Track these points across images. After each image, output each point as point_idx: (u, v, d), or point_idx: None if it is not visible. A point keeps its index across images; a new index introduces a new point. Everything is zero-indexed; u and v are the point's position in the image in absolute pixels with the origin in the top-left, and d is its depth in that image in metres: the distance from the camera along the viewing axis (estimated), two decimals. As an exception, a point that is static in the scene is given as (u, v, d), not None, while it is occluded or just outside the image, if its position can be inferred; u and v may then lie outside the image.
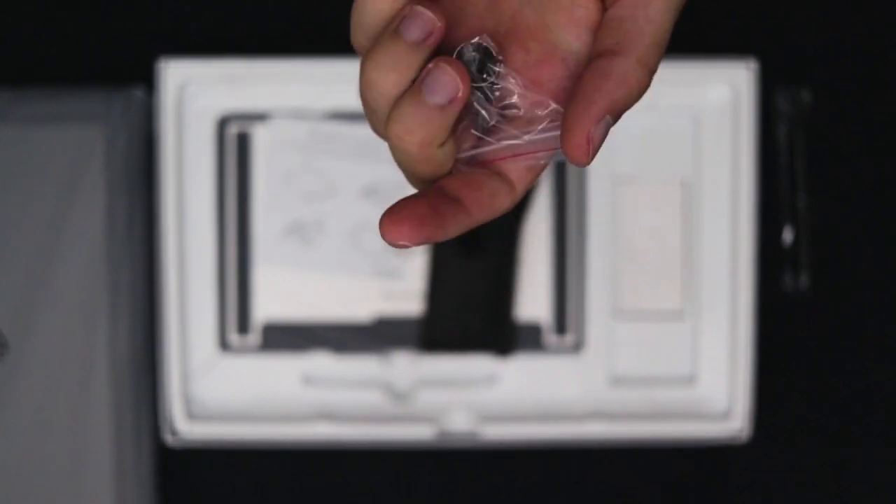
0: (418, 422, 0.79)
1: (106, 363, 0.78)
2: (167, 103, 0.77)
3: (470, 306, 0.79)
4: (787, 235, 0.82)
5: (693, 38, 0.81)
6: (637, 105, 0.35)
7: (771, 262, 0.81)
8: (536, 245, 0.80)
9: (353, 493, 0.83)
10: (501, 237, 0.78)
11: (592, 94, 0.33)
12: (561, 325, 0.80)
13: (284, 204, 0.79)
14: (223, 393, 0.80)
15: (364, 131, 0.79)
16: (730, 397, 0.79)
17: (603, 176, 0.79)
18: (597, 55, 0.34)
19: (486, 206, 0.35)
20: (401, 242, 0.33)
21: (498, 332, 0.79)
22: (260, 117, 0.79)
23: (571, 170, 0.79)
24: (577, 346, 0.80)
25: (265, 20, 0.82)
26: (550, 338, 0.80)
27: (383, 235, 0.33)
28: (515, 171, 0.36)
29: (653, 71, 0.34)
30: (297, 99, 0.79)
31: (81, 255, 0.78)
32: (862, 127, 0.82)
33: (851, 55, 0.82)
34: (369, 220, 0.79)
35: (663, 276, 0.80)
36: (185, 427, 0.78)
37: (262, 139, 0.79)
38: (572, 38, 0.35)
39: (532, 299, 0.80)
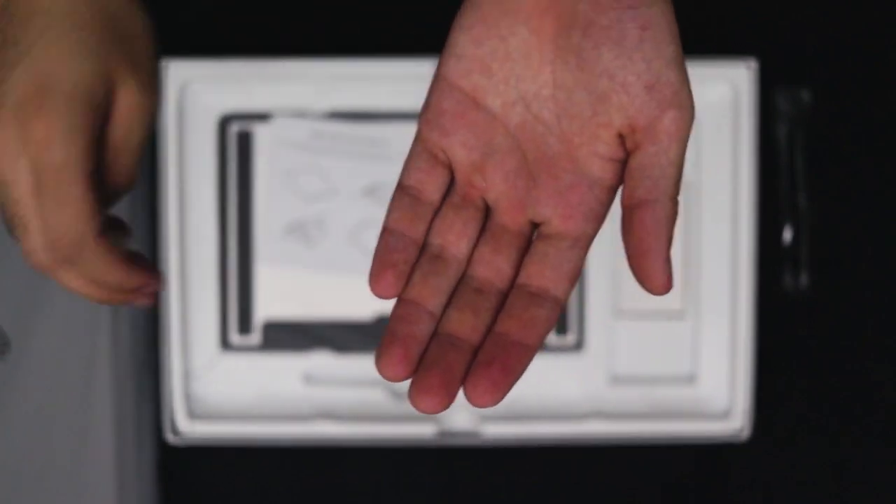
0: (419, 420, 0.79)
1: (108, 362, 0.78)
2: (169, 103, 0.78)
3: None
4: (787, 235, 0.82)
5: (693, 38, 0.81)
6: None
7: (771, 261, 0.81)
8: (537, 244, 0.80)
9: (354, 491, 0.83)
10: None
11: (653, 243, 0.38)
12: (561, 325, 0.80)
13: (285, 203, 0.79)
14: (224, 392, 0.80)
15: (365, 131, 0.79)
16: (730, 396, 0.79)
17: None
18: (636, 205, 0.39)
19: (541, 335, 0.40)
20: (485, 406, 0.39)
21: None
22: (261, 117, 0.79)
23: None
24: (578, 346, 0.80)
25: (266, 20, 0.82)
26: (551, 337, 0.80)
27: (472, 402, 0.38)
28: (558, 284, 0.39)
29: (678, 201, 0.39)
30: (299, 99, 0.79)
31: (83, 254, 0.78)
32: (862, 127, 0.82)
33: (851, 55, 0.82)
34: (370, 219, 0.79)
35: (663, 275, 0.80)
36: (187, 426, 0.79)
37: (264, 139, 0.79)
38: (596, 168, 0.39)
39: (532, 299, 0.80)
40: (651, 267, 0.38)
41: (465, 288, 0.40)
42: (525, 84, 0.39)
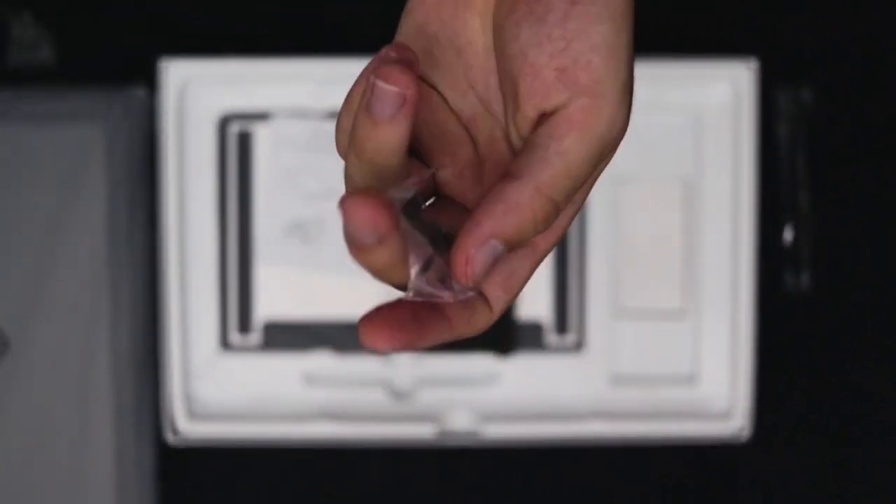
0: (419, 421, 0.79)
1: (107, 362, 0.78)
2: (168, 103, 0.78)
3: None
4: (788, 235, 0.82)
5: (693, 38, 0.81)
6: (637, 105, 0.34)
7: (771, 261, 0.81)
8: (537, 244, 0.80)
9: (354, 491, 0.83)
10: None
11: (479, 217, 0.31)
12: (562, 325, 0.80)
13: (285, 203, 0.79)
14: (224, 392, 0.80)
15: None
16: (730, 397, 0.79)
17: (603, 176, 0.79)
18: (498, 180, 0.32)
19: (467, 322, 0.34)
20: (380, 347, 0.32)
21: (498, 332, 0.79)
22: (261, 117, 0.79)
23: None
24: (578, 346, 0.80)
25: (266, 20, 0.82)
26: (551, 337, 0.80)
27: (362, 340, 0.32)
28: (493, 292, 0.35)
29: (559, 203, 0.32)
30: (298, 99, 0.79)
31: (82, 254, 0.78)
32: (863, 126, 0.82)
33: (851, 55, 0.82)
34: (370, 219, 0.79)
35: (663, 275, 0.80)
36: (187, 426, 0.78)
37: (263, 139, 0.79)
38: None
39: (533, 299, 0.80)
40: (458, 244, 0.31)
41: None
42: (473, 72, 0.35)
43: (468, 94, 0.35)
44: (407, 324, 0.32)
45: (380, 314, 0.32)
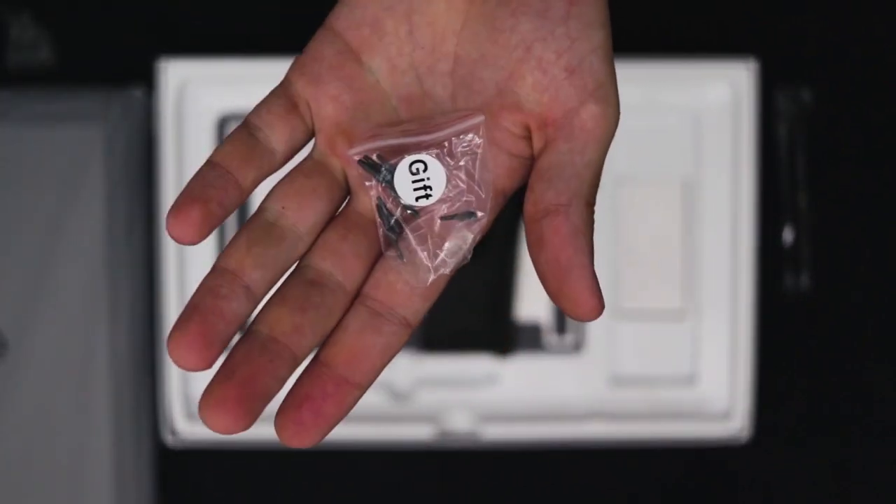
0: (418, 422, 0.79)
1: (106, 363, 0.78)
2: (167, 103, 0.77)
3: (470, 306, 0.79)
4: (788, 235, 0.82)
5: (693, 38, 0.81)
6: (637, 105, 0.34)
7: (771, 262, 0.81)
8: (536, 245, 0.79)
9: (354, 492, 0.83)
10: (502, 237, 0.78)
11: (578, 258, 0.32)
12: (561, 325, 0.80)
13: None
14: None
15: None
16: (730, 397, 0.79)
17: (603, 176, 0.79)
18: (546, 212, 0.32)
19: (378, 367, 0.33)
20: (300, 447, 0.32)
21: (498, 332, 0.79)
22: (260, 117, 0.79)
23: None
24: (578, 346, 0.80)
25: (265, 20, 0.82)
26: (550, 338, 0.80)
27: (285, 443, 0.32)
28: (409, 303, 0.33)
29: (594, 207, 0.33)
30: (297, 99, 0.79)
31: (81, 254, 0.78)
32: (862, 126, 0.82)
33: (851, 55, 0.82)
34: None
35: (663, 276, 0.80)
36: (185, 427, 0.78)
37: (262, 139, 0.79)
38: (489, 162, 0.34)
39: (532, 299, 0.80)
40: (575, 287, 0.31)
41: (297, 278, 0.32)
42: (421, 53, 0.33)
43: (408, 73, 0.34)
44: (311, 424, 0.32)
45: (288, 422, 0.32)
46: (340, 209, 0.34)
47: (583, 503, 0.83)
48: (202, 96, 0.78)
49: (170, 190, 0.78)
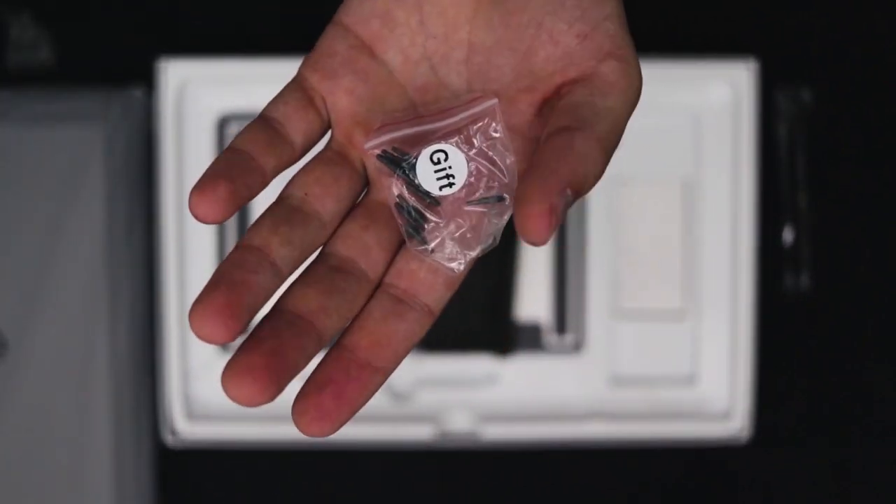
0: (418, 422, 0.79)
1: (106, 363, 0.78)
2: (167, 103, 0.77)
3: (470, 306, 0.79)
4: (788, 235, 0.82)
5: (693, 38, 0.81)
6: (637, 105, 0.34)
7: (771, 262, 0.81)
8: (536, 245, 0.79)
9: (354, 492, 0.83)
10: (502, 237, 0.78)
11: (554, 165, 0.29)
12: (561, 325, 0.80)
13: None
14: (223, 393, 0.80)
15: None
16: (730, 397, 0.79)
17: (603, 176, 0.79)
18: (555, 132, 0.30)
19: (401, 353, 0.33)
20: (321, 436, 0.32)
21: (498, 332, 0.79)
22: (260, 117, 0.79)
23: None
24: (578, 346, 0.80)
25: (265, 20, 0.82)
26: (550, 338, 0.80)
27: (303, 432, 0.32)
28: (432, 290, 0.33)
29: (609, 157, 0.31)
30: (297, 99, 0.79)
31: (81, 254, 0.78)
32: (862, 126, 0.82)
33: (851, 55, 0.82)
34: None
35: (663, 276, 0.80)
36: (185, 427, 0.78)
37: (262, 139, 0.79)
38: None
39: (532, 299, 0.80)
40: (536, 193, 0.28)
41: (321, 264, 0.32)
42: (435, 43, 0.33)
43: (422, 63, 0.34)
44: (333, 408, 0.31)
45: (308, 406, 0.31)
46: (360, 199, 0.34)
47: (583, 503, 0.83)
48: (202, 96, 0.78)
49: (170, 190, 0.78)
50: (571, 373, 0.80)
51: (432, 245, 0.33)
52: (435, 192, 0.33)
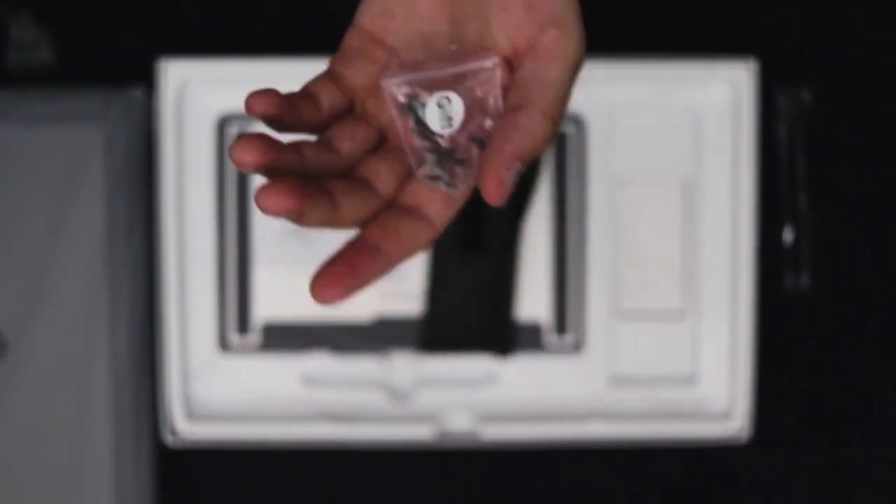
0: (418, 422, 0.79)
1: (106, 363, 0.78)
2: (167, 103, 0.77)
3: (470, 306, 0.79)
4: (788, 235, 0.82)
5: (693, 38, 0.81)
6: (637, 105, 0.36)
7: (771, 261, 0.81)
8: (536, 245, 0.79)
9: (353, 493, 0.83)
10: (501, 237, 0.78)
11: (502, 144, 0.37)
12: (561, 325, 0.80)
13: (284, 204, 0.79)
14: (223, 393, 0.80)
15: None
16: (730, 397, 0.79)
17: (603, 176, 0.79)
18: (507, 111, 0.38)
19: (405, 247, 0.39)
20: (330, 302, 0.37)
21: (498, 332, 0.79)
22: (260, 117, 0.79)
23: (571, 170, 0.79)
24: (577, 346, 0.80)
25: (265, 20, 0.82)
26: (550, 338, 0.80)
27: (315, 299, 0.37)
28: (434, 207, 0.40)
29: (557, 122, 0.38)
30: (297, 99, 0.79)
31: (81, 254, 0.78)
32: (862, 126, 0.82)
33: (851, 55, 0.82)
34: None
35: (663, 276, 0.80)
36: (185, 427, 0.78)
37: (262, 139, 0.79)
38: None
39: (532, 299, 0.80)
40: (490, 169, 0.36)
41: (342, 179, 0.40)
42: (424, 24, 0.41)
43: (418, 43, 0.41)
44: (344, 275, 0.37)
45: (321, 274, 0.37)
46: (376, 149, 0.41)
47: (583, 503, 0.83)
48: (202, 96, 0.78)
49: (170, 190, 0.78)
50: (571, 373, 0.80)
51: (439, 173, 0.40)
52: (438, 130, 0.40)
